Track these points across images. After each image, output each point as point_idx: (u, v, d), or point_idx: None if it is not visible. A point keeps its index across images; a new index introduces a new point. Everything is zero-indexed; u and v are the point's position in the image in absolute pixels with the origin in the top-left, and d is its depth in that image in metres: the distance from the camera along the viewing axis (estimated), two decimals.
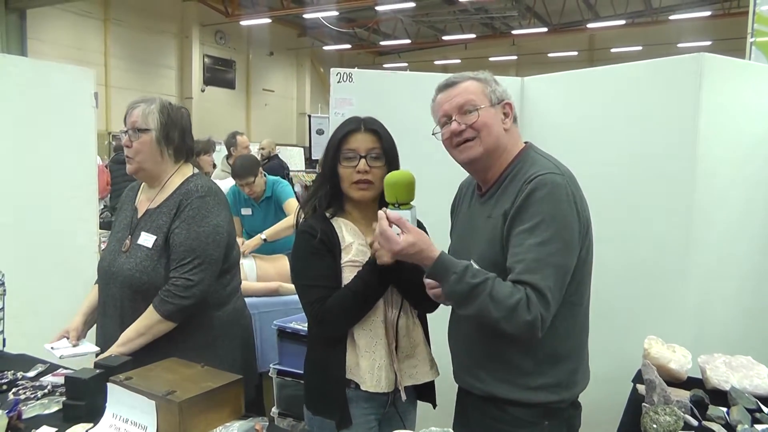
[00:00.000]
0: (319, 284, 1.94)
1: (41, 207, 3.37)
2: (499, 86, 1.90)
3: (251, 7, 21.18)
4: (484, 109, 1.82)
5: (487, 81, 1.88)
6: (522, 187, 1.74)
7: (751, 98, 2.80)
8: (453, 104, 1.85)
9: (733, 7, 19.25)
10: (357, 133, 1.99)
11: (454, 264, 1.69)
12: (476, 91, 1.84)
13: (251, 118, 24.78)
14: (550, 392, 1.80)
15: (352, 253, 1.97)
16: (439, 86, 1.91)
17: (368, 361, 1.94)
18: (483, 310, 1.64)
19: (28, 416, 1.88)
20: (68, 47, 17.69)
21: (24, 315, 2.65)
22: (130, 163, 2.33)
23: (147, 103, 2.33)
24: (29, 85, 3.34)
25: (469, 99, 1.83)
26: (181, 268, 2.20)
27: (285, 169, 8.60)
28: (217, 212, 2.30)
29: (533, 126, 3.20)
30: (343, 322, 1.94)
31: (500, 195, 1.84)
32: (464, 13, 22.51)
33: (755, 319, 2.85)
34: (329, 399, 1.97)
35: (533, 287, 1.63)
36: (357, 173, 1.95)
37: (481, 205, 1.91)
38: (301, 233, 2.01)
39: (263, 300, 3.60)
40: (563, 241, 1.69)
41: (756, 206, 2.84)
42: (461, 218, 2.04)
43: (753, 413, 1.85)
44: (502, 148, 1.86)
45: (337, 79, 3.10)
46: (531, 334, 1.65)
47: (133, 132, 2.30)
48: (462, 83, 1.87)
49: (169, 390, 1.73)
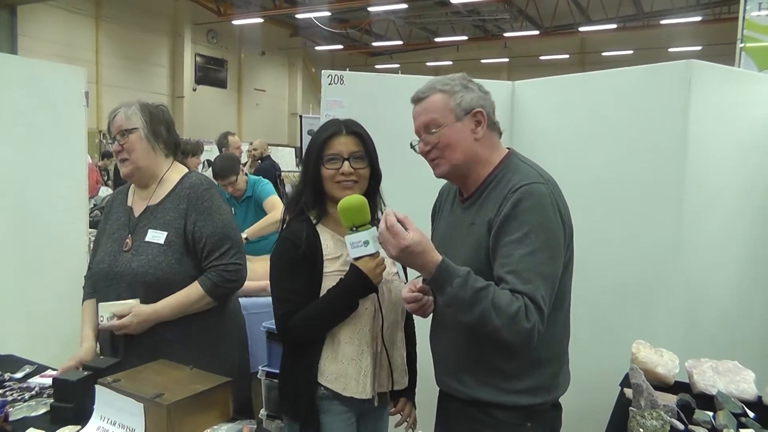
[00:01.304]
0: (291, 298, 1.97)
1: (31, 206, 3.34)
2: (470, 92, 1.83)
3: (243, 6, 21.15)
4: (446, 127, 1.79)
5: (453, 92, 1.81)
6: (507, 196, 1.72)
7: (740, 105, 2.82)
8: (419, 123, 1.85)
9: (723, 13, 19.40)
10: (339, 136, 2.00)
11: (456, 268, 1.67)
12: (440, 107, 1.81)
13: (243, 117, 24.74)
14: (533, 395, 1.81)
15: (339, 264, 1.99)
16: (411, 98, 1.89)
17: (355, 369, 1.97)
18: (485, 317, 1.63)
19: (15, 418, 1.87)
20: (59, 44, 17.60)
21: (13, 315, 2.64)
22: (125, 165, 2.32)
23: (126, 106, 2.34)
24: (20, 84, 3.32)
25: (431, 119, 1.81)
26: (224, 255, 2.25)
27: (277, 170, 8.58)
28: (224, 203, 2.38)
29: (523, 130, 3.21)
30: (305, 338, 2.00)
31: (483, 202, 1.82)
32: (456, 15, 22.57)
33: (742, 324, 2.87)
34: (298, 403, 2.00)
35: (529, 297, 1.63)
36: (341, 175, 1.97)
37: (463, 211, 1.90)
38: (284, 240, 2.01)
39: (252, 301, 3.58)
40: (551, 249, 1.70)
41: (745, 212, 2.86)
42: (443, 224, 2.01)
43: (739, 418, 1.86)
44: (477, 158, 1.83)
45: (329, 81, 3.10)
46: (528, 342, 1.65)
47: (120, 135, 2.29)
48: (428, 98, 1.83)
49: (158, 392, 1.73)
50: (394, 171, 2.11)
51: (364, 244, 1.83)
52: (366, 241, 1.83)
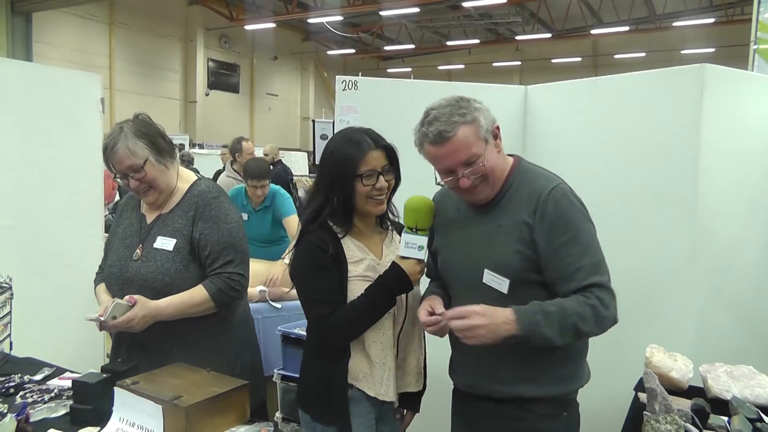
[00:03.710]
0: (327, 299, 1.94)
1: (47, 212, 3.38)
2: (481, 112, 1.82)
3: (256, 11, 21.25)
4: (484, 156, 1.79)
5: (476, 120, 1.79)
6: (543, 200, 1.79)
7: (753, 109, 2.82)
8: (455, 161, 1.79)
9: (736, 14, 19.28)
10: (372, 151, 1.97)
11: (529, 312, 1.73)
12: (472, 139, 1.78)
13: (255, 122, 24.85)
14: (570, 382, 1.90)
15: (363, 268, 1.98)
16: (429, 138, 1.80)
17: (380, 371, 1.97)
18: (577, 333, 1.75)
19: (36, 419, 1.90)
20: (73, 51, 17.78)
21: (30, 319, 2.66)
22: (150, 194, 2.29)
23: (120, 140, 2.22)
24: (36, 91, 3.35)
25: (470, 153, 1.78)
26: (228, 265, 2.25)
27: (289, 175, 8.61)
28: (233, 210, 2.37)
29: (536, 134, 3.22)
30: (346, 338, 1.97)
31: (506, 205, 1.86)
32: (468, 19, 22.56)
33: (757, 328, 2.86)
34: (332, 406, 1.98)
35: (600, 285, 1.76)
36: (376, 190, 1.96)
37: (482, 216, 1.91)
38: (310, 244, 1.98)
39: (266, 305, 3.61)
40: (595, 238, 1.83)
41: (757, 216, 2.85)
42: (457, 232, 1.98)
43: (754, 423, 1.85)
44: (501, 169, 1.88)
45: (343, 86, 3.12)
46: (614, 324, 1.79)
47: (134, 172, 2.24)
48: (455, 135, 1.77)
49: (176, 395, 1.75)
50: (405, 176, 2.10)
51: (419, 249, 1.89)
52: (421, 246, 1.89)
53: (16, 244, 3.22)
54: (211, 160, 10.18)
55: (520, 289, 1.81)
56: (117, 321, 2.09)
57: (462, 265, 1.94)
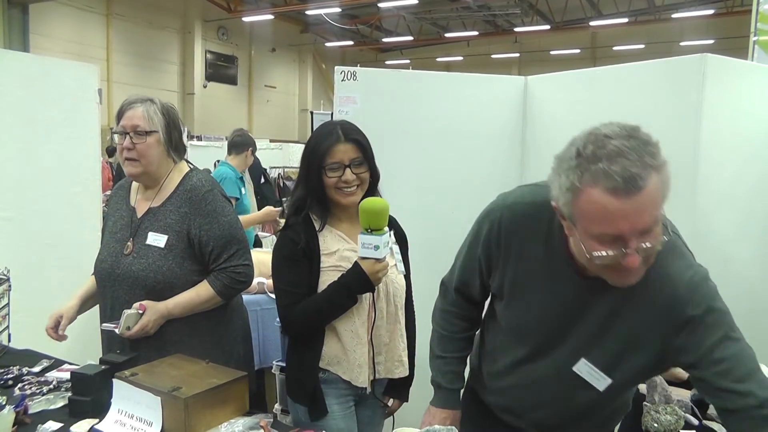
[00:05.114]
0: (292, 290, 2.02)
1: (45, 203, 3.36)
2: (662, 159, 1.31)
3: (254, 3, 21.19)
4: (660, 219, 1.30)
5: (664, 167, 1.29)
6: (694, 317, 1.42)
7: (754, 99, 2.81)
8: (638, 225, 1.25)
9: (735, 6, 19.22)
10: (339, 143, 2.01)
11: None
12: (660, 197, 1.28)
13: (253, 114, 24.80)
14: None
15: (335, 258, 2.03)
16: (612, 182, 1.22)
17: (352, 357, 2.03)
18: None
19: (35, 411, 1.90)
20: (70, 42, 17.72)
21: (29, 310, 2.65)
22: (134, 166, 2.24)
23: (146, 103, 2.24)
24: (32, 82, 3.33)
25: (655, 217, 1.27)
26: (233, 258, 2.24)
27: (263, 169, 8.62)
28: (227, 203, 2.36)
29: (536, 125, 3.21)
30: (305, 329, 2.06)
31: (630, 291, 1.41)
32: (467, 10, 22.49)
33: (757, 320, 2.84)
34: (305, 387, 2.05)
35: None
36: (343, 182, 2.01)
37: (585, 290, 1.48)
38: (285, 237, 2.07)
39: (264, 297, 3.61)
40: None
41: (758, 207, 2.85)
42: (542, 293, 1.55)
43: None
44: None
45: (342, 77, 3.10)
46: None
47: (136, 134, 2.21)
48: (647, 184, 1.23)
49: (175, 386, 1.75)
50: (405, 167, 2.10)
51: (374, 248, 1.91)
52: (376, 245, 1.91)
53: (13, 236, 3.21)
54: (210, 152, 10.14)
55: (617, 392, 1.57)
56: (132, 332, 2.11)
57: (547, 333, 1.57)
